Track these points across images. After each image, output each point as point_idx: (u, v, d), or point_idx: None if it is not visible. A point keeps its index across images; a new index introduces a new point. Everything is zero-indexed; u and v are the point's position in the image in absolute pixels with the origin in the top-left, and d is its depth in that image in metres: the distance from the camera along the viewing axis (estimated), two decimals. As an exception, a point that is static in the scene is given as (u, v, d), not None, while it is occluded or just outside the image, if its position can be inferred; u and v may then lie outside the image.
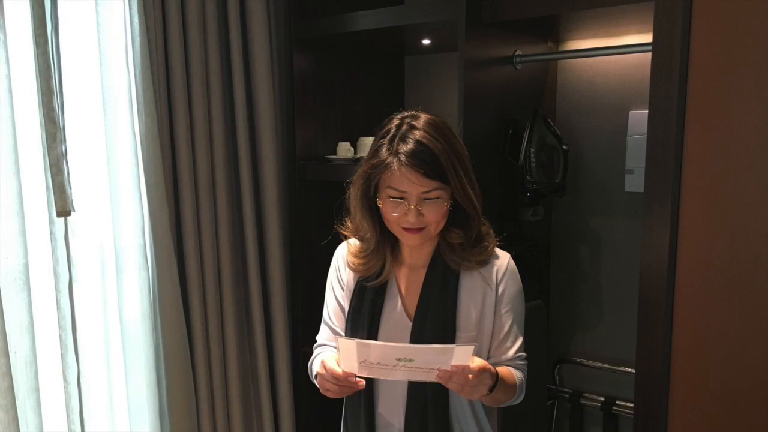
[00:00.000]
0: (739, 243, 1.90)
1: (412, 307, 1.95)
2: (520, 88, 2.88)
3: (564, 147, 2.85)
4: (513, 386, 1.91)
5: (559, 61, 3.08)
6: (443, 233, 1.92)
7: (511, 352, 1.96)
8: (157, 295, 2.82)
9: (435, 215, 1.83)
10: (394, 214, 1.84)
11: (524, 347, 2.00)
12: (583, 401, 3.16)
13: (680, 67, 1.91)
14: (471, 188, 1.86)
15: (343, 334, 2.03)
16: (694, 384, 2.01)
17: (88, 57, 2.61)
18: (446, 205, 1.84)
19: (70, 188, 2.48)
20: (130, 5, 2.64)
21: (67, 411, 2.60)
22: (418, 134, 1.80)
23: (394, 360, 1.72)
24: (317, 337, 2.14)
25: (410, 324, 1.94)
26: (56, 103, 2.43)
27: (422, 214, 1.82)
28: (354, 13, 2.87)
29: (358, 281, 2.02)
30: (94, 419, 2.71)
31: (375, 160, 1.83)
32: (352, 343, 1.73)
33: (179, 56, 2.80)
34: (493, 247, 1.98)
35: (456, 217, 1.89)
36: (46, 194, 2.47)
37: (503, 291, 1.95)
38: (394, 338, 1.92)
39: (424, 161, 1.77)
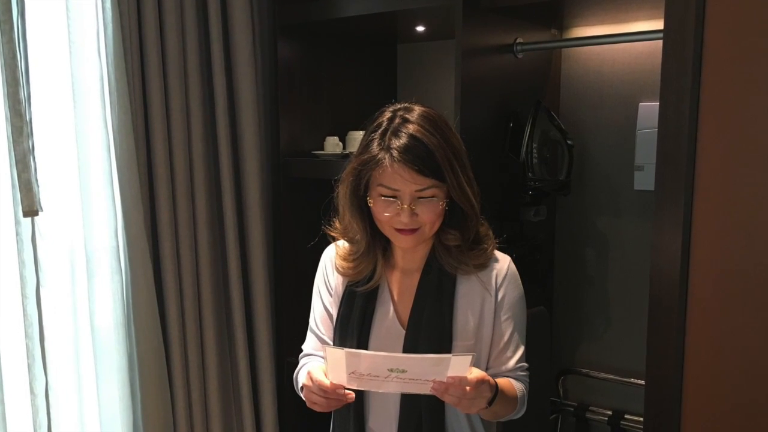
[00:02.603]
0: (756, 245, 1.89)
1: (406, 314, 1.94)
2: (522, 79, 2.88)
3: (568, 142, 2.85)
4: (514, 399, 1.91)
5: (563, 49, 3.08)
6: (439, 235, 1.91)
7: (512, 363, 1.95)
8: (131, 301, 2.81)
9: (430, 215, 1.82)
10: (386, 214, 1.83)
11: (526, 357, 1.99)
12: (589, 415, 3.16)
13: (693, 55, 1.91)
14: (468, 186, 1.85)
15: (331, 343, 2.02)
16: (708, 396, 2.01)
17: (56, 45, 2.60)
18: (442, 205, 1.83)
19: (38, 186, 2.47)
20: (101, -11, 2.65)
21: (34, 426, 2.59)
22: (411, 128, 1.79)
23: (386, 371, 1.71)
24: (303, 347, 2.13)
25: (403, 332, 1.93)
26: (23, 95, 2.42)
27: (416, 214, 1.81)
28: (343, -2, 2.87)
29: (347, 286, 2.02)
30: (63, 435, 2.71)
31: (365, 156, 1.82)
32: (340, 353, 1.72)
33: (155, 44, 2.80)
34: (492, 250, 1.97)
35: (452, 218, 1.88)
36: (12, 193, 2.46)
37: (503, 297, 1.94)
38: (386, 347, 1.92)
39: (418, 157, 1.77)
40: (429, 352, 1.79)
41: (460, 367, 1.69)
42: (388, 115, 1.86)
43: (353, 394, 1.79)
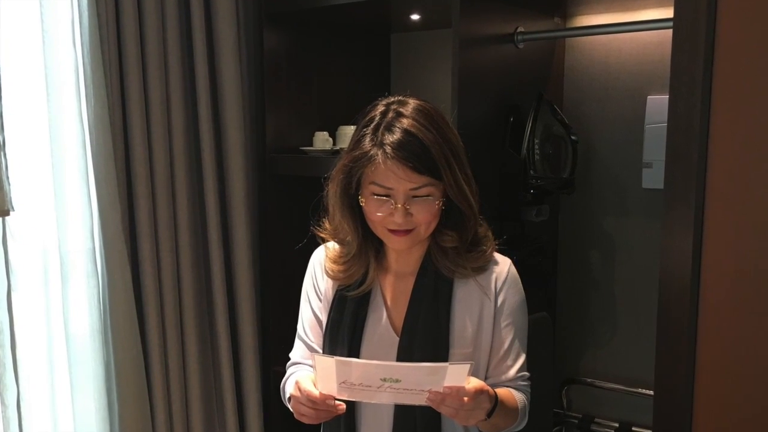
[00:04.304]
0: (771, 246, 1.89)
1: (399, 320, 1.94)
2: (523, 70, 2.87)
3: (572, 137, 2.85)
4: (514, 410, 1.90)
5: (567, 39, 3.08)
6: (435, 236, 1.91)
7: (513, 372, 1.95)
8: (107, 306, 2.80)
9: (425, 215, 1.82)
10: (379, 214, 1.83)
11: (527, 366, 1.99)
12: (594, 427, 3.16)
13: (705, 45, 1.91)
14: (466, 184, 1.85)
15: (321, 351, 2.02)
16: (720, 407, 2.00)
17: (29, 34, 2.59)
18: (438, 204, 1.83)
19: (9, 184, 2.46)
20: (76, -26, 2.64)
21: (4, 439, 2.58)
22: (405, 123, 1.79)
23: (379, 380, 1.71)
24: (291, 355, 2.13)
25: (397, 339, 1.93)
26: (-9, 87, 2.42)
27: (411, 214, 1.81)
28: (334, -15, 2.86)
29: (337, 290, 2.01)
30: (35, 448, 2.70)
31: (357, 153, 1.82)
32: (330, 361, 1.72)
33: (133, 33, 2.79)
34: (492, 252, 1.97)
35: (449, 218, 1.88)
36: (-20, 191, 2.45)
37: (503, 302, 1.94)
38: (379, 355, 1.91)
39: (412, 153, 1.76)
40: (424, 360, 1.78)
41: (458, 376, 1.68)
42: (381, 108, 1.86)
43: (344, 405, 1.79)
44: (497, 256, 1.99)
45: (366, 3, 2.80)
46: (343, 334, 1.96)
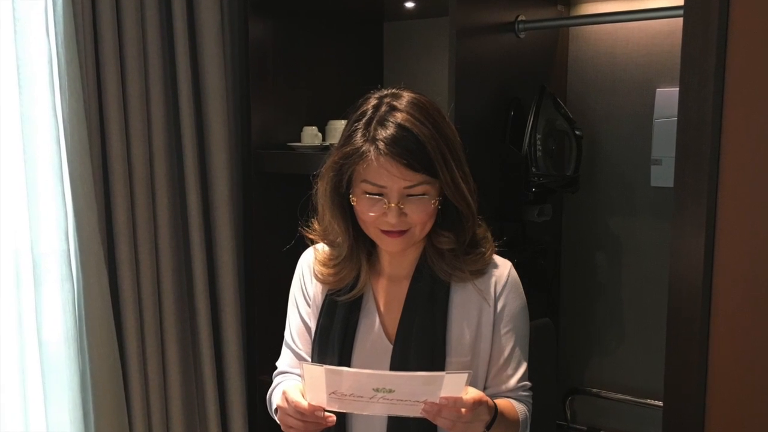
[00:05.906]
0: (787, 248, 1.89)
1: (393, 327, 1.94)
2: (524, 61, 2.88)
3: (577, 132, 2.85)
4: (515, 422, 1.90)
5: (571, 28, 3.08)
6: (430, 237, 1.91)
7: (513, 381, 1.95)
8: (83, 312, 2.80)
9: (420, 215, 1.82)
10: (371, 214, 1.83)
11: (529, 375, 1.99)
12: (599, 439, 3.17)
13: (718, 35, 1.90)
14: (464, 182, 1.85)
15: (309, 360, 2.02)
16: (734, 419, 2.00)
17: (-1, 22, 2.59)
18: (434, 203, 1.83)
19: (-23, 182, 2.46)
20: (50, -41, 2.63)
21: (-27, 453, 2.58)
22: (399, 117, 1.79)
23: (371, 390, 1.71)
24: (278, 363, 2.13)
25: (390, 347, 1.93)
26: (-41, 78, 2.41)
27: (405, 214, 1.81)
28: (323, -29, 2.86)
29: (327, 295, 2.01)
30: (6, 463, 2.69)
31: (347, 149, 1.82)
32: (319, 370, 1.71)
33: (110, 22, 2.79)
34: (491, 254, 1.97)
35: (446, 218, 1.88)
36: (-53, 189, 2.45)
37: (503, 307, 1.94)
38: (371, 364, 1.91)
39: (407, 149, 1.76)
40: (420, 369, 1.79)
41: (455, 386, 1.68)
42: (373, 102, 1.86)
43: (334, 417, 1.78)
44: (497, 258, 1.99)
45: (358, -10, 2.81)
46: (333, 342, 1.95)
